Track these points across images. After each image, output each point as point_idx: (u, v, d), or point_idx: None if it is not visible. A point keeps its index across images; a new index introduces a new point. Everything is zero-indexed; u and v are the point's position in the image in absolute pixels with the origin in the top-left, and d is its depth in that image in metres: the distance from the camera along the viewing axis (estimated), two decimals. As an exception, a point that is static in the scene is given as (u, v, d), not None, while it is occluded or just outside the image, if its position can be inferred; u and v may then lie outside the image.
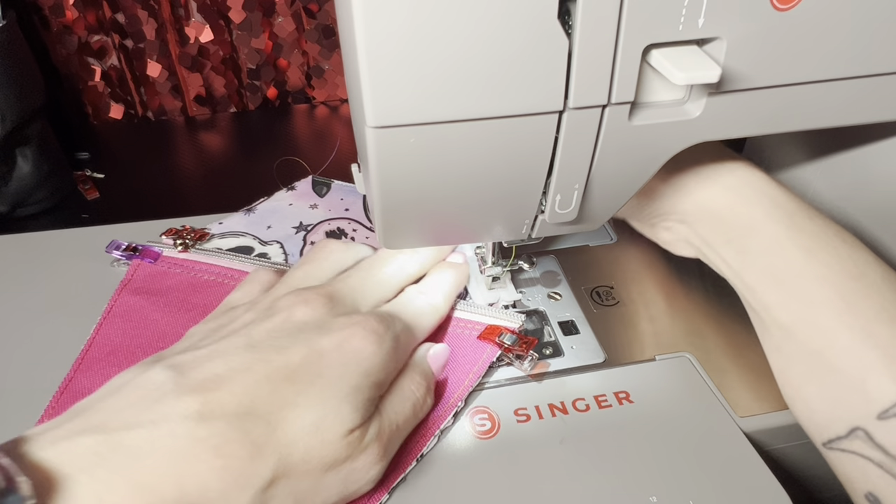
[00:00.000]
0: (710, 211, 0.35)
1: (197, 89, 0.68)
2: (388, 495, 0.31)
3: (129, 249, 0.45)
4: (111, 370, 0.37)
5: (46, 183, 0.54)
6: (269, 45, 0.67)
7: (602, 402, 0.36)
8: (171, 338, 0.39)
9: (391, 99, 0.26)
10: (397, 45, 0.25)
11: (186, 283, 0.43)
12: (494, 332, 0.38)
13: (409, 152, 0.28)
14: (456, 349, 0.38)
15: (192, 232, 0.46)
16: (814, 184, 0.43)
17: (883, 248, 0.39)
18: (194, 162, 0.61)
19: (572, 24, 0.25)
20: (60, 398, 0.36)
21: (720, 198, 0.35)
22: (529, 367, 0.37)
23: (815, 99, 0.31)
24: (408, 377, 0.33)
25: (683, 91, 0.30)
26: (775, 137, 0.44)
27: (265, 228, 0.48)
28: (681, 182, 0.35)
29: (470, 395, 0.36)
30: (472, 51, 0.25)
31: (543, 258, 0.46)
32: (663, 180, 0.35)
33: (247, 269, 0.44)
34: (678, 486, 0.32)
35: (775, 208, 0.33)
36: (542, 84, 0.27)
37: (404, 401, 0.32)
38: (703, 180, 0.35)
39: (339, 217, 0.49)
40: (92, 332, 0.39)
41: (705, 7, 0.26)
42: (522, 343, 0.37)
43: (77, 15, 0.62)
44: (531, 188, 0.32)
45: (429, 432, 0.34)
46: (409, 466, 0.32)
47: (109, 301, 0.41)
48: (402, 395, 0.32)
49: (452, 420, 0.35)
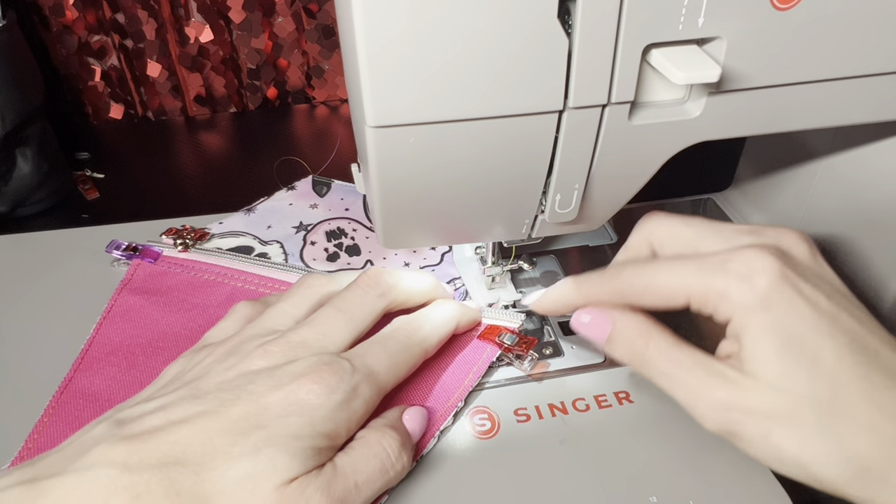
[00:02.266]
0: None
1: (197, 89, 0.68)
2: (388, 496, 0.31)
3: (129, 249, 0.45)
4: (111, 370, 0.37)
5: (46, 183, 0.54)
6: (269, 45, 0.67)
7: (602, 402, 0.36)
8: (171, 338, 0.39)
9: (391, 99, 0.26)
10: (397, 46, 0.25)
11: (186, 282, 0.43)
12: (494, 332, 0.38)
13: (409, 152, 0.28)
14: (456, 349, 0.38)
15: (192, 232, 0.46)
16: (814, 184, 0.43)
17: (883, 249, 0.39)
18: (194, 162, 0.61)
19: (572, 24, 0.25)
20: (60, 398, 0.36)
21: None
22: (529, 367, 0.37)
23: (815, 99, 0.31)
24: (379, 432, 0.31)
25: (683, 91, 0.30)
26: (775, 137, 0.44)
27: (265, 228, 0.48)
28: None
29: (470, 395, 0.36)
30: (472, 50, 0.25)
31: (543, 258, 0.46)
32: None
33: (247, 268, 0.44)
34: (678, 486, 0.32)
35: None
36: (541, 84, 0.27)
37: (369, 458, 0.30)
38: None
39: (339, 217, 0.49)
40: (92, 332, 0.39)
41: (705, 7, 0.26)
42: (522, 343, 0.37)
43: (77, 15, 0.62)
44: (531, 188, 0.32)
45: (429, 432, 0.34)
46: (410, 467, 0.32)
47: (109, 301, 0.41)
48: (368, 452, 0.30)
49: (452, 420, 0.35)
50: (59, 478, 0.26)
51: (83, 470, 0.26)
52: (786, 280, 0.28)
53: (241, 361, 0.31)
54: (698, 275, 0.29)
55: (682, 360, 0.29)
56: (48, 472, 0.26)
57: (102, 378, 0.37)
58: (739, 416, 0.27)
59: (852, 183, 0.40)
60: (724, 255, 0.29)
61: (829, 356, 0.27)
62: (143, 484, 0.25)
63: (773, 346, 0.27)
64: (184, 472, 0.26)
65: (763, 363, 0.27)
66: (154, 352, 0.38)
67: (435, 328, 0.35)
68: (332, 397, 0.29)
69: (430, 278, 0.38)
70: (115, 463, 0.26)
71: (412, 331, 0.34)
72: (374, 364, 0.32)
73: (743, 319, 0.28)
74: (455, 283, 0.44)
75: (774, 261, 0.28)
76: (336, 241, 0.47)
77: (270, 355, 0.31)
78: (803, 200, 0.44)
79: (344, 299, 0.34)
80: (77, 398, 0.36)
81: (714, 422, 0.28)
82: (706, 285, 0.29)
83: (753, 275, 0.28)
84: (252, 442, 0.27)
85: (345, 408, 0.30)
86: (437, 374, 0.36)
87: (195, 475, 0.26)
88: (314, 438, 0.28)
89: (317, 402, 0.29)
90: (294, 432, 0.28)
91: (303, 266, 0.45)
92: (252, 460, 0.27)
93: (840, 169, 0.41)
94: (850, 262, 0.41)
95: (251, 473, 0.27)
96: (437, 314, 0.36)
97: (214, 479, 0.26)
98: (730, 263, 0.28)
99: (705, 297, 0.29)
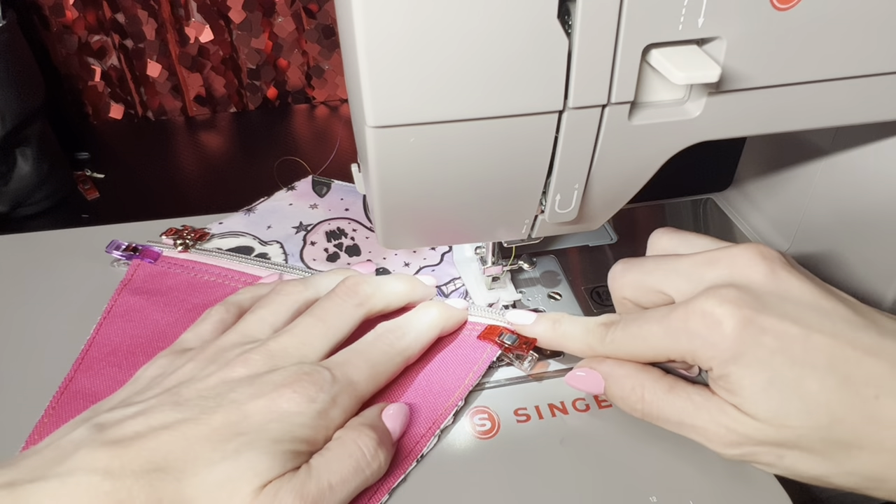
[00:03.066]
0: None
1: (197, 89, 0.68)
2: (388, 496, 0.31)
3: (129, 249, 0.45)
4: (111, 370, 0.37)
5: (46, 183, 0.54)
6: (269, 45, 0.67)
7: (602, 402, 0.36)
8: (171, 337, 0.39)
9: (391, 99, 0.26)
10: (397, 46, 0.25)
11: (186, 283, 0.43)
12: (494, 332, 0.38)
13: (409, 152, 0.28)
14: (456, 349, 0.38)
15: (193, 232, 0.46)
16: (814, 184, 0.43)
17: (883, 249, 0.39)
18: (194, 162, 0.61)
19: (572, 24, 0.25)
20: (61, 398, 0.36)
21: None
22: (529, 366, 0.37)
23: (815, 99, 0.31)
24: (355, 431, 0.30)
25: (683, 91, 0.30)
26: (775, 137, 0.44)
27: (265, 228, 0.48)
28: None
29: (470, 394, 0.36)
30: (471, 51, 0.25)
31: (543, 258, 0.46)
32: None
33: (246, 269, 0.44)
34: (678, 486, 0.32)
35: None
36: (541, 84, 0.27)
37: (344, 458, 0.29)
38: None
39: (339, 217, 0.49)
40: (92, 332, 0.39)
41: (705, 7, 0.26)
42: (522, 343, 0.37)
43: (77, 15, 0.62)
44: (531, 188, 0.32)
45: (429, 432, 0.34)
46: (410, 466, 0.32)
47: (109, 301, 0.41)
48: (343, 451, 0.30)
49: (452, 419, 0.35)
50: (41, 483, 0.25)
51: (65, 475, 0.26)
52: (746, 323, 0.28)
53: (221, 369, 0.31)
54: (665, 340, 0.30)
55: (685, 407, 0.30)
56: (29, 477, 0.26)
57: (103, 378, 0.37)
58: (753, 448, 0.28)
59: (852, 183, 0.40)
60: (683, 313, 0.29)
61: (812, 385, 0.27)
62: (126, 490, 0.26)
63: (757, 389, 0.28)
64: (165, 478, 0.26)
65: (754, 406, 0.28)
66: (154, 352, 0.38)
67: (419, 336, 0.35)
68: (311, 406, 0.30)
69: (408, 281, 0.38)
70: (96, 469, 0.26)
71: (395, 339, 0.34)
72: (354, 374, 0.32)
73: (721, 371, 0.28)
74: (455, 283, 0.44)
75: (730, 307, 0.28)
76: (336, 241, 0.47)
77: (251, 363, 0.31)
78: (803, 200, 0.44)
79: (323, 308, 0.35)
80: (77, 398, 0.36)
81: (731, 454, 0.29)
82: (676, 349, 0.30)
83: (714, 329, 0.28)
84: (233, 447, 0.28)
85: (323, 416, 0.30)
86: (437, 374, 0.36)
87: (176, 482, 0.26)
88: (293, 443, 0.29)
89: (296, 409, 0.29)
90: (274, 437, 0.28)
91: (303, 266, 0.45)
92: (232, 464, 0.27)
93: (840, 169, 0.41)
94: (849, 262, 0.41)
95: (231, 476, 0.27)
96: (421, 321, 0.36)
97: (196, 484, 0.27)
98: (689, 323, 0.29)
99: (682, 357, 0.30)
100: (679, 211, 0.52)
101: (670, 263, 0.32)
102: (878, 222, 0.39)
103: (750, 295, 0.28)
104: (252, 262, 0.44)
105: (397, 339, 0.35)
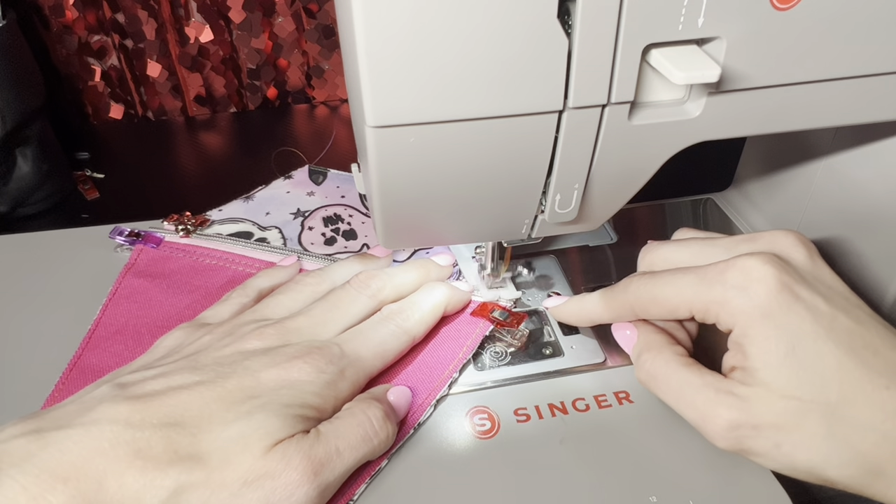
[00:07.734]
0: None
1: (197, 89, 0.68)
2: (366, 484, 0.32)
3: (132, 235, 0.46)
4: (117, 347, 0.38)
5: (46, 183, 0.54)
6: (269, 45, 0.67)
7: (602, 402, 0.36)
8: (175, 318, 0.40)
9: (391, 99, 0.26)
10: (397, 46, 0.25)
11: (188, 266, 0.44)
12: (487, 308, 0.40)
13: (409, 152, 0.28)
14: (451, 325, 0.39)
15: (193, 218, 0.48)
16: (814, 184, 0.43)
17: (883, 249, 0.39)
18: (194, 162, 0.61)
19: (572, 24, 0.25)
20: (70, 374, 0.36)
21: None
22: (518, 342, 0.38)
23: (815, 99, 0.31)
24: (364, 402, 0.32)
25: (683, 91, 0.30)
26: (775, 137, 0.44)
27: (264, 215, 0.49)
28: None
29: (470, 394, 0.36)
30: (471, 51, 0.25)
31: (543, 259, 0.46)
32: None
33: (247, 252, 0.45)
34: (678, 486, 0.32)
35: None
36: (541, 84, 0.27)
37: (353, 425, 0.31)
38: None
39: (336, 203, 0.50)
40: (98, 314, 0.40)
41: (705, 7, 0.26)
42: (513, 317, 0.39)
43: (77, 15, 0.62)
44: (531, 188, 0.32)
45: (425, 402, 0.35)
46: (407, 434, 0.34)
47: (114, 284, 0.42)
48: (353, 420, 0.31)
49: (448, 389, 0.36)
50: (65, 430, 0.27)
51: (88, 424, 0.27)
52: (784, 287, 0.28)
53: (237, 341, 0.33)
54: (698, 286, 0.30)
55: (691, 379, 0.30)
56: (54, 425, 0.27)
57: (110, 354, 0.38)
58: (749, 433, 0.28)
59: (852, 183, 0.40)
60: (722, 265, 0.29)
61: (830, 360, 0.27)
62: (145, 440, 0.27)
63: (777, 354, 0.28)
64: (182, 432, 0.28)
65: (770, 370, 0.28)
66: (159, 332, 0.39)
67: (424, 317, 0.37)
68: (321, 376, 0.31)
69: (421, 267, 0.40)
70: (118, 420, 0.27)
71: (402, 320, 0.36)
72: (362, 350, 0.34)
73: (745, 329, 0.28)
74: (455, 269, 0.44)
75: (771, 268, 0.28)
76: (333, 226, 0.49)
77: (266, 337, 0.33)
78: (803, 200, 0.44)
79: (338, 296, 0.37)
80: (86, 374, 0.37)
81: (724, 440, 0.29)
82: (706, 296, 0.29)
83: (751, 284, 0.28)
84: (246, 408, 0.29)
85: (332, 387, 0.32)
86: (432, 351, 0.38)
87: (192, 436, 0.28)
88: (303, 408, 0.30)
89: (307, 378, 0.31)
90: (285, 402, 0.30)
91: (301, 250, 0.46)
92: (245, 423, 0.29)
93: (840, 169, 0.41)
94: (849, 262, 0.41)
95: (244, 434, 0.28)
96: (427, 302, 0.38)
97: (210, 439, 0.28)
98: (727, 273, 0.29)
99: (706, 308, 0.30)
100: (679, 211, 0.52)
101: (707, 241, 0.33)
102: (878, 222, 0.39)
103: (790, 267, 0.29)
104: (252, 246, 0.45)
105: (404, 321, 0.36)
